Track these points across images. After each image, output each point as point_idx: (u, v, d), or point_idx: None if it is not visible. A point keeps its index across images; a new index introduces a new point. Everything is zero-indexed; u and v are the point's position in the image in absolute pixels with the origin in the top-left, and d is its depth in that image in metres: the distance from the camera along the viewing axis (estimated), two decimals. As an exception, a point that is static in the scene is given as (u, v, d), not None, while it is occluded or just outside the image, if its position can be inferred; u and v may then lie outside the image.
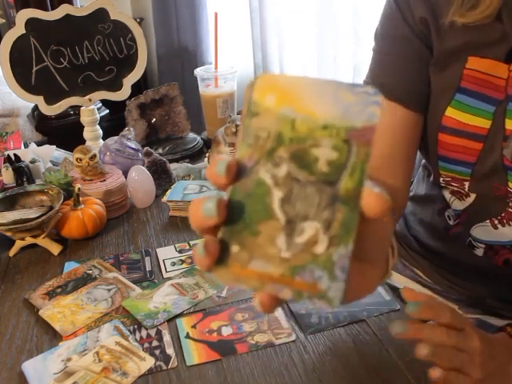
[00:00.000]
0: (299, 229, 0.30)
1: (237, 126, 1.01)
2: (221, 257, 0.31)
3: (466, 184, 0.65)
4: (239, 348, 0.62)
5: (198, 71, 1.29)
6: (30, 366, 0.60)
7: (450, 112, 0.62)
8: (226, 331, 0.65)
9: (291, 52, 1.66)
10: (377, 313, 0.66)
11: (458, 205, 0.69)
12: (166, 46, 2.45)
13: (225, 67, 1.30)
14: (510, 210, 0.63)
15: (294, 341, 0.62)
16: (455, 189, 0.68)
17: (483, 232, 0.67)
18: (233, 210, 0.31)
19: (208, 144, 1.23)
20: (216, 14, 1.28)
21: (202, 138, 1.31)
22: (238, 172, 0.30)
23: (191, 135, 1.31)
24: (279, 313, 0.67)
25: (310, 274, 0.30)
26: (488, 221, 0.66)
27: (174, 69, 2.40)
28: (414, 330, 0.46)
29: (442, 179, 0.68)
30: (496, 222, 0.65)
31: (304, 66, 1.63)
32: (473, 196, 0.66)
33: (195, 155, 1.24)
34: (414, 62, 0.64)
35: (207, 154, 1.12)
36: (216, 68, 1.28)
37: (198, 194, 0.95)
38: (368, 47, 1.38)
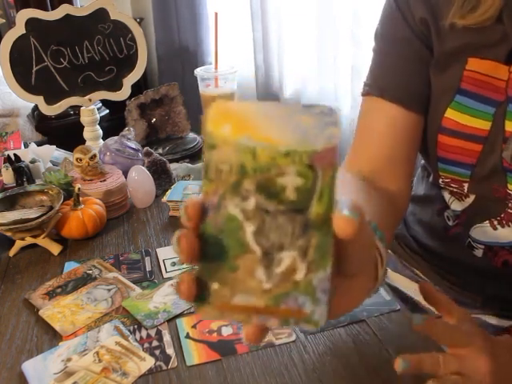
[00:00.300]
0: (277, 259, 0.31)
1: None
2: (201, 294, 0.31)
3: (466, 185, 0.65)
4: (239, 348, 0.62)
5: (198, 71, 1.29)
6: (29, 366, 0.60)
7: (450, 113, 0.62)
8: (226, 331, 0.65)
9: (291, 53, 1.66)
10: (377, 313, 0.66)
11: (458, 205, 0.69)
12: (166, 46, 2.45)
13: (225, 67, 1.29)
14: (509, 210, 0.63)
15: (294, 341, 0.62)
16: (454, 190, 0.68)
17: (482, 233, 0.67)
18: (207, 246, 0.31)
19: (208, 144, 1.23)
20: (216, 14, 1.28)
21: (201, 138, 1.31)
22: (204, 210, 0.30)
23: (191, 135, 1.31)
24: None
25: (294, 300, 0.30)
26: (487, 222, 0.65)
27: (174, 69, 2.40)
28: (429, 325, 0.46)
29: (441, 180, 0.68)
30: (495, 222, 0.65)
31: (304, 67, 1.63)
32: (472, 197, 0.66)
33: (195, 155, 1.24)
34: (414, 63, 0.64)
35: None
36: (216, 68, 1.28)
37: (198, 194, 0.95)
38: (367, 49, 1.38)
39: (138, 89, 1.25)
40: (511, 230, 0.64)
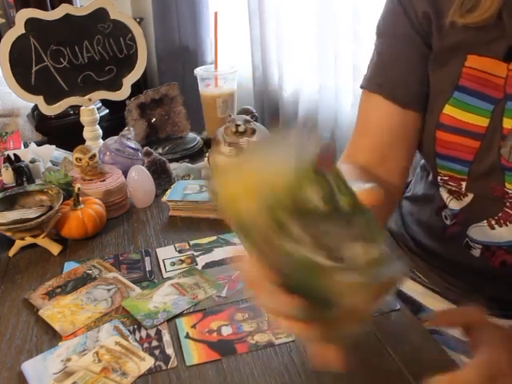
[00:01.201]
0: (348, 259, 0.33)
1: (237, 125, 1.00)
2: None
3: (463, 184, 0.65)
4: (239, 348, 0.62)
5: (198, 71, 1.29)
6: (29, 366, 0.60)
7: (448, 110, 0.62)
8: (226, 331, 0.64)
9: (290, 52, 1.66)
10: (377, 313, 0.66)
11: (455, 204, 0.69)
12: (166, 46, 2.44)
13: (225, 67, 1.29)
14: (507, 210, 0.63)
15: (293, 341, 0.62)
16: (453, 188, 0.67)
17: (480, 232, 0.66)
18: (304, 296, 0.35)
19: (208, 144, 1.23)
20: (216, 14, 1.28)
21: (201, 138, 1.31)
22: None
23: (191, 135, 1.31)
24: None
25: (384, 274, 0.34)
26: (485, 221, 0.65)
27: (174, 68, 2.40)
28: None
29: (439, 178, 0.68)
30: (493, 222, 0.64)
31: (304, 65, 1.63)
32: (470, 196, 0.66)
33: (195, 155, 1.24)
34: (413, 60, 0.64)
35: (207, 154, 1.12)
36: (216, 68, 1.28)
37: (198, 194, 0.95)
38: (368, 47, 1.37)
39: (137, 89, 1.25)
40: (509, 229, 0.63)
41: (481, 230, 0.66)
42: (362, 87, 0.71)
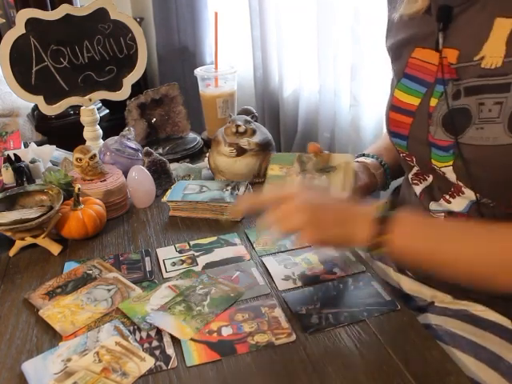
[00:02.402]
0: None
1: (237, 126, 1.00)
2: None
3: (414, 159, 0.74)
4: (239, 348, 0.62)
5: (198, 71, 1.29)
6: (29, 366, 0.60)
7: (397, 93, 0.73)
8: (226, 331, 0.64)
9: (291, 52, 1.66)
10: (377, 313, 0.66)
11: (418, 188, 0.77)
12: (167, 46, 2.44)
13: (225, 67, 1.29)
14: (458, 182, 0.68)
15: (294, 341, 0.62)
16: (415, 169, 0.76)
17: (439, 206, 0.73)
18: None
19: (208, 144, 1.23)
20: (216, 14, 1.28)
21: (202, 138, 1.31)
22: None
23: (191, 135, 1.31)
24: (279, 313, 0.67)
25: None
26: (442, 199, 0.72)
27: (175, 69, 2.40)
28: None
29: (401, 154, 0.77)
30: (447, 197, 0.71)
31: (303, 65, 1.63)
32: (429, 179, 0.74)
33: (195, 155, 1.24)
34: None
35: (207, 154, 1.12)
36: (216, 68, 1.28)
37: (198, 194, 0.95)
38: (367, 47, 1.38)
39: (138, 89, 1.25)
40: (461, 198, 0.68)
41: (439, 205, 0.73)
42: None
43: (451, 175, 0.66)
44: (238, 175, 1.03)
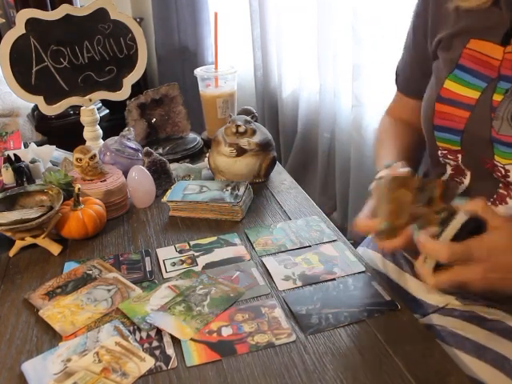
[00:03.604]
0: None
1: (237, 126, 1.00)
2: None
3: (460, 156, 0.70)
4: (239, 348, 0.62)
5: (198, 71, 1.29)
6: (29, 367, 0.60)
7: (448, 84, 0.69)
8: (226, 332, 0.64)
9: (291, 51, 1.66)
10: (377, 313, 0.66)
11: None
12: (166, 46, 2.45)
13: (225, 67, 1.29)
14: (501, 191, 0.66)
15: (294, 341, 0.62)
16: (452, 164, 0.73)
17: None
18: None
19: (208, 144, 1.23)
20: (216, 14, 1.28)
21: (202, 138, 1.31)
22: None
23: (191, 135, 1.31)
24: (279, 313, 0.67)
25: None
26: None
27: (174, 69, 2.40)
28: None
29: (439, 152, 0.73)
30: (489, 204, 0.68)
31: (303, 65, 1.63)
32: (468, 178, 0.71)
33: (195, 155, 1.24)
34: (421, 65, 0.79)
35: (207, 154, 1.12)
36: (216, 68, 1.28)
37: (198, 194, 0.95)
38: (367, 46, 1.38)
39: (138, 89, 1.25)
40: (504, 207, 0.67)
41: None
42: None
43: None
44: (238, 175, 1.03)
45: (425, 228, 0.57)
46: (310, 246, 0.83)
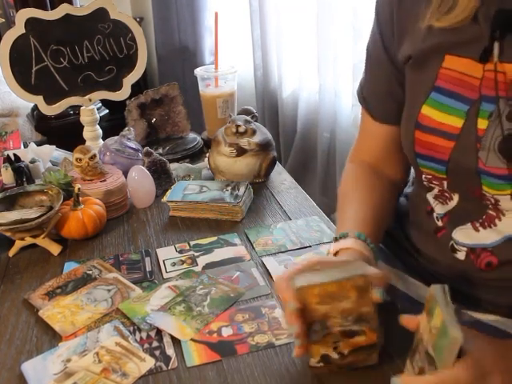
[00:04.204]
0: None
1: (237, 126, 1.00)
2: None
3: (445, 183, 0.65)
4: (239, 349, 0.61)
5: (198, 71, 1.29)
6: (29, 367, 0.60)
7: (426, 110, 0.63)
8: (226, 332, 0.64)
9: (291, 51, 1.66)
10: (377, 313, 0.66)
11: (441, 209, 0.69)
12: (166, 46, 2.44)
13: (225, 67, 1.29)
14: (490, 212, 0.63)
15: (294, 341, 0.62)
16: (437, 190, 0.68)
17: (465, 235, 0.66)
18: None
19: (208, 144, 1.23)
20: (216, 14, 1.28)
21: (202, 138, 1.31)
22: None
23: (191, 135, 1.31)
24: (279, 313, 0.67)
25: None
26: (469, 224, 0.65)
27: (174, 69, 2.40)
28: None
29: (423, 176, 0.68)
30: (477, 225, 0.64)
31: (303, 64, 1.62)
32: (455, 200, 0.66)
33: (195, 155, 1.24)
34: (388, 81, 0.71)
35: (207, 154, 1.12)
36: (216, 68, 1.28)
37: (198, 194, 0.95)
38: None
39: (138, 89, 1.25)
40: (493, 230, 0.63)
41: (466, 232, 0.66)
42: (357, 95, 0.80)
43: (507, 204, 0.59)
44: (238, 175, 1.03)
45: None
46: (310, 247, 0.83)
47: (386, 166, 0.76)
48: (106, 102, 1.82)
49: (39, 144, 1.26)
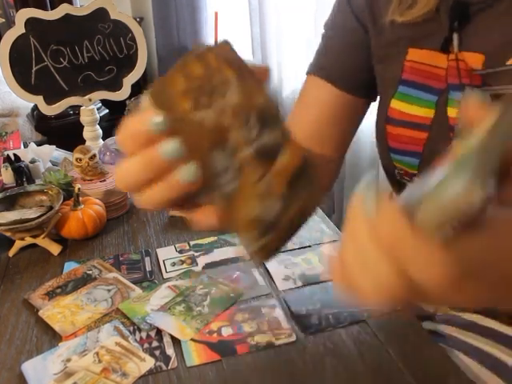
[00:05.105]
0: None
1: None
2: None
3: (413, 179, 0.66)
4: (239, 348, 0.61)
5: (198, 71, 1.29)
6: (29, 367, 0.60)
7: (395, 104, 0.64)
8: (226, 332, 0.64)
9: (291, 51, 1.66)
10: (377, 313, 0.66)
11: None
12: (166, 46, 2.45)
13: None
14: None
15: (294, 341, 0.62)
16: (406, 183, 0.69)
17: None
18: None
19: (208, 144, 1.23)
20: (216, 14, 1.28)
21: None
22: None
23: (191, 135, 1.31)
24: (279, 313, 0.67)
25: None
26: None
27: (174, 68, 2.40)
28: None
29: (396, 171, 0.69)
30: None
31: (303, 65, 1.63)
32: None
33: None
34: (358, 49, 0.68)
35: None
36: (216, 68, 1.28)
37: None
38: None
39: (137, 89, 1.24)
40: None
41: None
42: (306, 73, 0.76)
43: None
44: (237, 175, 1.03)
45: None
46: (310, 246, 0.83)
47: (316, 145, 0.73)
48: (106, 102, 1.82)
49: (39, 144, 1.27)
